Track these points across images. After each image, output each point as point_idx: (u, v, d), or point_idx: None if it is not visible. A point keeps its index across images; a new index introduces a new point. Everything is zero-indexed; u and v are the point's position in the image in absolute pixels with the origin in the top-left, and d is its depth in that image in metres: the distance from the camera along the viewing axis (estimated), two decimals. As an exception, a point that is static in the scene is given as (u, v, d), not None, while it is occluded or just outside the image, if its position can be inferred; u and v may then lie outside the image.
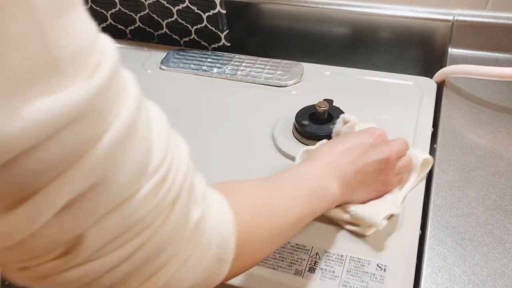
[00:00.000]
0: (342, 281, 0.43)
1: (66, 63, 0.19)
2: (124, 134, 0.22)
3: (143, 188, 0.24)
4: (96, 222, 0.23)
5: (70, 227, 0.22)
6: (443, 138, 0.59)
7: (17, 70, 0.18)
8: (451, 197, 0.51)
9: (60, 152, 0.20)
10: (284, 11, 0.83)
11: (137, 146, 0.23)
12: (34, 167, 0.19)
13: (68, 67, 0.19)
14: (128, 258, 0.25)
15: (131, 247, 0.25)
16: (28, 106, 0.18)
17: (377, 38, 0.80)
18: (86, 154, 0.21)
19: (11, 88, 0.18)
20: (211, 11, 0.77)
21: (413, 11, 0.76)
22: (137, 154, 0.23)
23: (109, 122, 0.22)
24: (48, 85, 0.19)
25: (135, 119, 0.23)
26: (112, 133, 0.22)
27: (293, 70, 0.75)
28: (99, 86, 0.21)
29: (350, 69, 0.75)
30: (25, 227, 0.21)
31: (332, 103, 0.63)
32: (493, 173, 0.54)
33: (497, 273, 0.43)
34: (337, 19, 0.81)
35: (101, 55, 0.21)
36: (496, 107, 0.64)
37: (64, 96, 0.19)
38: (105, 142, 0.21)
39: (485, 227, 0.48)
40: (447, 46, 0.76)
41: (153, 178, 0.25)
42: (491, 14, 0.72)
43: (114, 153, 0.22)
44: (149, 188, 0.24)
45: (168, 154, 0.26)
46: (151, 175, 0.24)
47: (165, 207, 0.26)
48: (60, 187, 0.20)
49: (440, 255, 0.45)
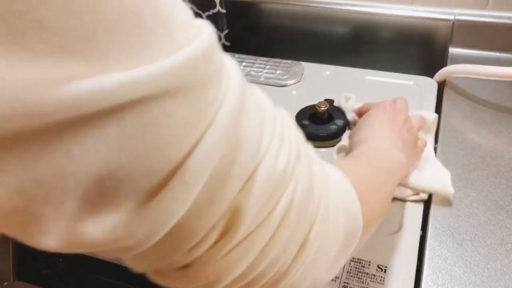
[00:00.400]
0: (342, 282, 0.43)
1: (175, 25, 0.19)
2: (239, 99, 0.22)
3: (271, 145, 0.24)
4: (245, 186, 0.22)
5: (221, 197, 0.22)
6: (443, 138, 0.59)
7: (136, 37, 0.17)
8: (451, 197, 0.51)
9: (184, 119, 0.19)
10: (284, 10, 0.83)
11: (252, 109, 0.23)
12: (168, 121, 0.19)
13: (178, 29, 0.19)
14: (284, 217, 0.25)
15: (283, 207, 0.24)
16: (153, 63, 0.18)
17: (378, 37, 0.80)
18: (215, 119, 0.20)
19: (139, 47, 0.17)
20: (211, 10, 0.77)
21: (414, 11, 0.76)
22: (254, 117, 0.23)
23: (221, 94, 0.21)
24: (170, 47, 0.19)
25: (244, 87, 0.23)
26: (230, 99, 0.22)
27: (293, 69, 0.74)
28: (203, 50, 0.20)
29: (350, 69, 0.75)
30: (174, 210, 0.20)
31: (332, 103, 0.63)
32: (494, 173, 0.53)
33: (498, 274, 0.43)
34: (338, 19, 0.81)
35: (199, 30, 0.21)
36: (497, 107, 0.64)
37: (175, 57, 0.19)
38: (226, 108, 0.21)
39: (486, 228, 0.47)
40: (447, 45, 0.76)
41: (274, 136, 0.25)
42: (492, 14, 0.72)
43: (235, 114, 0.22)
44: (275, 146, 0.24)
45: (276, 117, 0.26)
46: (271, 133, 0.25)
47: (293, 162, 0.26)
48: (204, 151, 0.20)
49: (441, 255, 0.45)
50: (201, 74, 0.20)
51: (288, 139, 0.26)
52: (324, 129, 0.59)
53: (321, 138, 0.58)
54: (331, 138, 0.58)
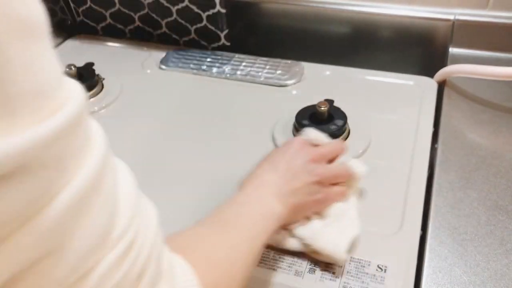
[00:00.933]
0: (342, 282, 0.43)
1: (22, 101, 0.16)
2: (85, 192, 0.19)
3: (105, 258, 0.21)
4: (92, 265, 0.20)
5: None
6: (444, 138, 0.59)
7: None
8: (452, 198, 0.51)
9: (5, 210, 0.16)
10: (284, 10, 0.83)
11: (99, 207, 0.20)
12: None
13: (23, 106, 0.16)
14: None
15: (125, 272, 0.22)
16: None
17: (378, 37, 0.80)
18: (38, 214, 0.17)
19: None
20: (210, 10, 0.77)
21: (414, 11, 0.76)
22: (99, 217, 0.20)
23: (67, 177, 0.18)
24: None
25: (99, 177, 0.20)
26: (70, 191, 0.18)
27: (293, 70, 0.74)
28: (56, 131, 0.17)
29: (350, 69, 0.75)
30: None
31: (332, 103, 0.63)
32: (494, 174, 0.53)
33: (498, 274, 0.43)
34: (338, 19, 0.81)
35: (65, 100, 0.18)
36: (497, 106, 0.64)
37: (13, 140, 0.16)
38: (61, 201, 0.18)
39: (486, 228, 0.47)
40: (448, 45, 0.76)
41: (117, 246, 0.21)
42: (492, 14, 0.72)
43: (72, 215, 0.19)
44: (112, 259, 0.21)
45: (134, 219, 0.23)
46: (114, 242, 0.21)
47: (130, 283, 0.22)
48: (5, 255, 0.17)
49: (441, 255, 0.45)
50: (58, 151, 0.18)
51: (137, 249, 0.22)
52: (324, 129, 0.58)
53: (321, 138, 0.58)
54: (332, 138, 0.58)
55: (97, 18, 0.88)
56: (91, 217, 0.20)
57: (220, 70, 0.76)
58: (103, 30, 0.89)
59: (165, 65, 0.78)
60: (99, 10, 0.86)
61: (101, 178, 0.20)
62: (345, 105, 0.62)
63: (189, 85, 0.74)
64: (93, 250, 0.20)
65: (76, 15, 0.89)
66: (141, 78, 0.76)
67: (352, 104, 0.64)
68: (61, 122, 0.18)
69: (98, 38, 0.89)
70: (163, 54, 0.81)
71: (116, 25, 0.88)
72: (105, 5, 0.85)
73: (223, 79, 0.75)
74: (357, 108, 0.64)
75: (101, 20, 0.88)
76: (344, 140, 0.59)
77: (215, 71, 0.76)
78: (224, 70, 0.76)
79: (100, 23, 0.89)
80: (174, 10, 0.79)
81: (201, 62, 0.78)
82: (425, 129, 0.61)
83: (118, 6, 0.84)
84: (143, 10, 0.83)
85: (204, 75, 0.76)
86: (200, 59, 0.79)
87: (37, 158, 0.17)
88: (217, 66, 0.77)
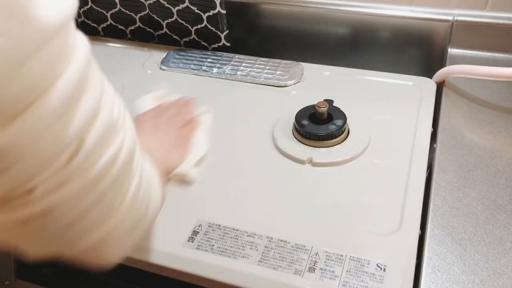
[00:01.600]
0: (341, 281, 0.43)
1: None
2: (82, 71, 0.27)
3: (109, 98, 0.31)
4: (90, 123, 0.28)
5: (71, 126, 0.26)
6: (442, 138, 0.59)
7: None
8: (450, 197, 0.51)
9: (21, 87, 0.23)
10: (284, 11, 0.83)
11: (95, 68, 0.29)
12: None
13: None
14: (114, 160, 0.30)
15: (116, 147, 0.30)
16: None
17: (377, 38, 0.80)
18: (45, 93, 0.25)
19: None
20: (211, 11, 0.77)
21: (412, 11, 0.76)
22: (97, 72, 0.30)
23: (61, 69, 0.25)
24: None
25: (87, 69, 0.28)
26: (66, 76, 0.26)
27: (293, 70, 0.75)
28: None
29: (350, 69, 0.75)
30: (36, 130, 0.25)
31: (332, 103, 0.63)
32: (493, 173, 0.54)
33: (496, 273, 0.43)
34: (337, 19, 0.81)
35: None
36: (496, 107, 0.64)
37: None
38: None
39: (485, 227, 0.48)
40: (446, 46, 0.76)
41: (109, 94, 0.31)
42: (491, 14, 0.72)
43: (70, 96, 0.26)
44: (112, 98, 0.31)
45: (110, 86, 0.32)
46: (109, 92, 0.31)
47: (123, 116, 0.32)
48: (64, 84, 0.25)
49: (440, 255, 0.45)
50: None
51: (118, 101, 0.32)
52: (324, 129, 0.59)
53: (321, 138, 0.58)
54: (331, 138, 0.58)
55: (98, 19, 0.88)
56: (94, 71, 0.29)
57: (220, 70, 0.76)
58: (104, 30, 0.90)
59: (166, 66, 0.79)
60: (100, 11, 0.86)
61: (89, 70, 0.28)
62: (344, 105, 0.62)
63: (190, 85, 0.75)
64: (102, 91, 0.30)
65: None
66: (142, 79, 0.77)
67: (351, 104, 0.64)
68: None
69: (99, 39, 0.89)
70: (164, 55, 0.81)
71: (117, 26, 0.88)
72: (106, 6, 0.85)
73: (223, 80, 0.75)
74: (357, 108, 0.64)
75: (102, 21, 0.88)
76: (344, 140, 0.60)
77: (216, 72, 0.76)
78: (224, 71, 0.76)
79: (101, 24, 0.89)
80: (174, 11, 0.80)
81: (202, 63, 0.79)
82: (424, 129, 0.61)
83: (119, 7, 0.84)
84: (144, 11, 0.83)
85: (205, 75, 0.76)
86: (201, 60, 0.79)
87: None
88: (217, 66, 0.77)
